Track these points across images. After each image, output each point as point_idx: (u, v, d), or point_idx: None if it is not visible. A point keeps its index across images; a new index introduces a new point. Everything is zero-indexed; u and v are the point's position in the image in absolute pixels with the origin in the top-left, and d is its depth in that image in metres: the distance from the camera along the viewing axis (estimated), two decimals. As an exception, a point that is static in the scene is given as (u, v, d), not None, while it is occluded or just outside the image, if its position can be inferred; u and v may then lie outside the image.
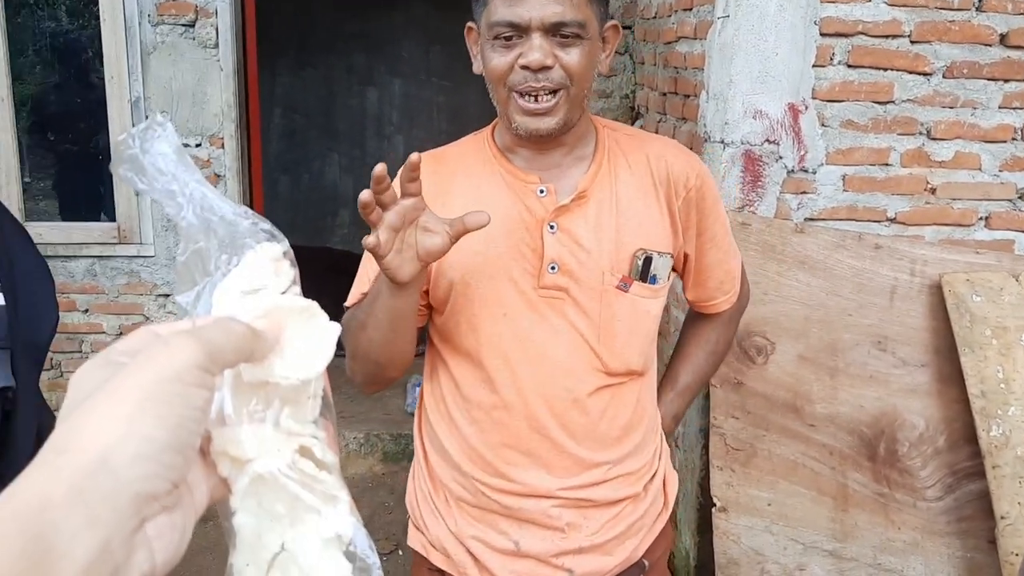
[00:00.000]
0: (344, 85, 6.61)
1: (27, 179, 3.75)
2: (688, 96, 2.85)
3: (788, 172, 2.45)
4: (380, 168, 1.11)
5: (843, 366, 2.41)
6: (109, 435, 0.41)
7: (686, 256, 1.48)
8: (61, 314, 3.56)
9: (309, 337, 0.53)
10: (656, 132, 3.29)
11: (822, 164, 2.46)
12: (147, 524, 0.42)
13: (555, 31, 1.26)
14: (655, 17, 3.35)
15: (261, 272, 0.55)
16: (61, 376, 3.73)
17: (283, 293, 0.55)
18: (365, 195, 1.10)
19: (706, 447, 2.50)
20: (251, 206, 3.89)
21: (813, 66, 2.38)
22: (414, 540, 1.56)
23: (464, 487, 1.44)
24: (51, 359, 3.62)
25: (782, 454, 2.41)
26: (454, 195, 1.40)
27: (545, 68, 1.26)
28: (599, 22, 1.32)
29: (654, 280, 1.39)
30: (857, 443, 2.41)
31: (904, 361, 2.40)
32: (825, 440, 2.41)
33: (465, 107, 6.19)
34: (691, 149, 2.76)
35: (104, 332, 3.71)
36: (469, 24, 1.39)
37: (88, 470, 0.40)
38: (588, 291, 1.36)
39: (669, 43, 3.09)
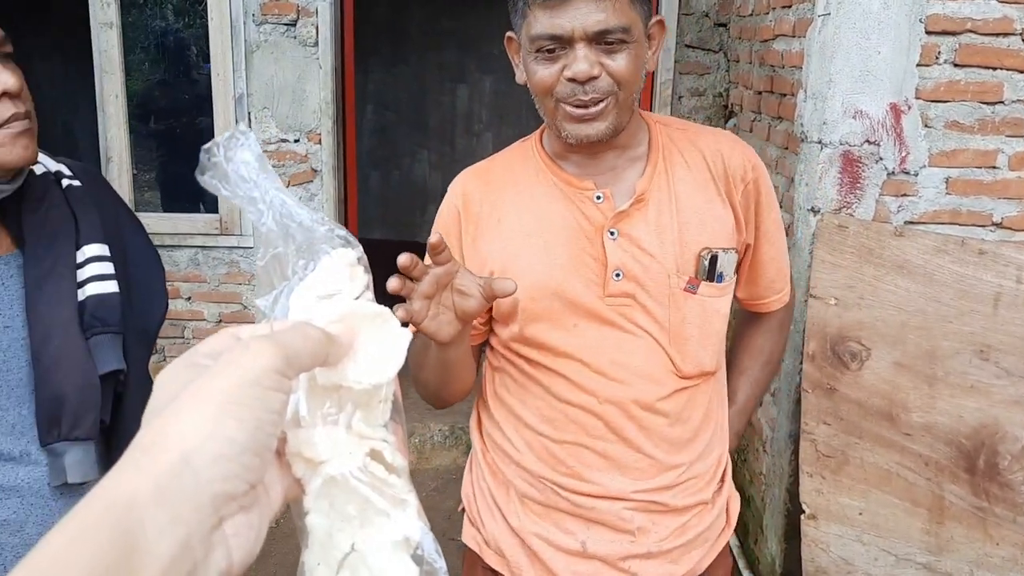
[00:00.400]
0: (435, 82, 6.70)
1: (134, 171, 3.92)
2: (784, 95, 2.80)
3: (888, 174, 2.38)
4: (436, 238, 1.10)
5: (942, 375, 2.33)
6: (192, 437, 0.42)
7: (745, 250, 1.44)
8: (166, 301, 3.73)
9: (381, 343, 0.54)
10: (751, 131, 3.24)
11: (924, 166, 2.39)
12: (225, 523, 0.44)
13: (599, 39, 1.21)
14: (751, 14, 3.29)
15: (336, 277, 0.56)
16: (164, 360, 3.90)
17: (357, 298, 0.56)
18: (394, 282, 1.08)
19: (795, 452, 2.45)
20: (345, 201, 3.99)
21: (917, 65, 2.31)
22: (468, 537, 1.54)
23: (532, 485, 1.42)
24: (156, 344, 3.80)
25: (875, 462, 2.35)
26: (507, 209, 1.37)
27: (592, 78, 1.22)
28: (643, 21, 1.27)
29: (720, 278, 1.36)
30: (955, 454, 2.33)
31: (1008, 372, 2.31)
32: (921, 450, 2.34)
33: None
34: (787, 149, 2.72)
35: (205, 319, 3.86)
36: (509, 34, 1.35)
37: (172, 470, 0.41)
38: (656, 295, 1.33)
39: (766, 41, 3.04)
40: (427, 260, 1.15)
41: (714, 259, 1.34)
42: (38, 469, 1.21)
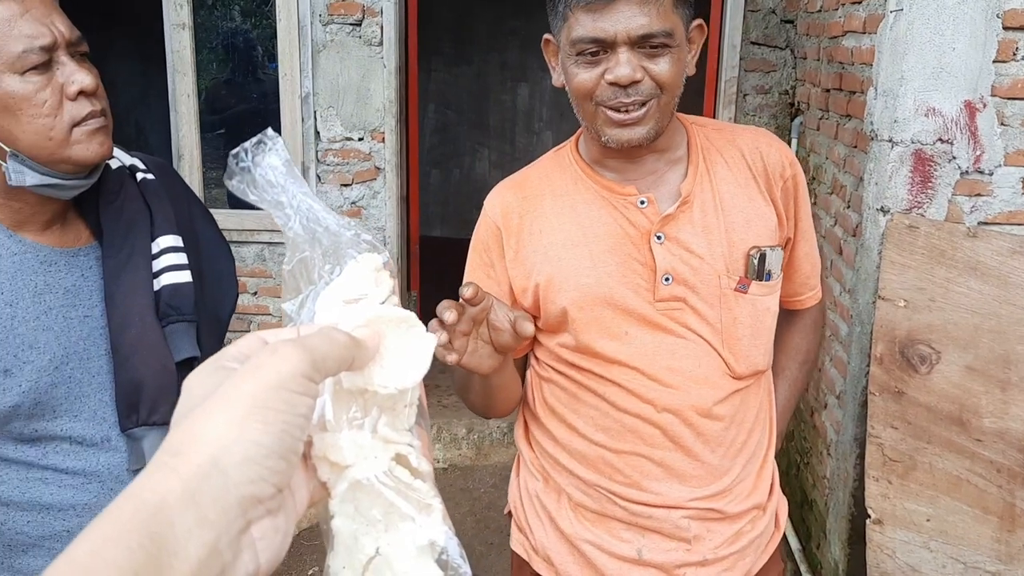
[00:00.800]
0: (497, 81, 6.73)
1: (204, 170, 4.02)
2: (854, 92, 2.75)
3: (961, 173, 2.32)
4: (470, 291, 1.10)
5: (1016, 380, 2.26)
6: (221, 440, 0.43)
7: (786, 246, 1.42)
8: (233, 295, 3.81)
9: (407, 347, 0.55)
10: (818, 129, 3.19)
11: (1000, 165, 2.32)
12: (253, 526, 0.44)
13: (642, 43, 1.20)
14: (820, 11, 3.24)
15: (362, 282, 0.57)
16: (230, 354, 3.98)
17: (382, 303, 0.57)
18: (450, 316, 1.09)
19: (861, 456, 2.41)
20: (407, 199, 4.03)
21: (993, 62, 2.25)
22: (516, 543, 1.53)
23: (586, 493, 1.40)
24: (228, 339, 3.88)
25: (944, 468, 2.30)
26: (548, 220, 1.36)
27: (634, 82, 1.21)
28: (685, 25, 1.25)
29: (769, 276, 1.35)
30: (1029, 462, 2.26)
31: (1086, 377, 2.24)
32: (993, 456, 2.28)
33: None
34: (856, 147, 2.67)
35: (270, 314, 3.94)
36: (546, 36, 1.35)
37: (201, 472, 0.41)
38: (707, 297, 1.32)
39: (835, 37, 2.98)
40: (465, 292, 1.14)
41: (763, 257, 1.33)
42: (118, 455, 1.25)
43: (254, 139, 0.57)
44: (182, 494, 0.40)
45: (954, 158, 2.31)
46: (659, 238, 1.31)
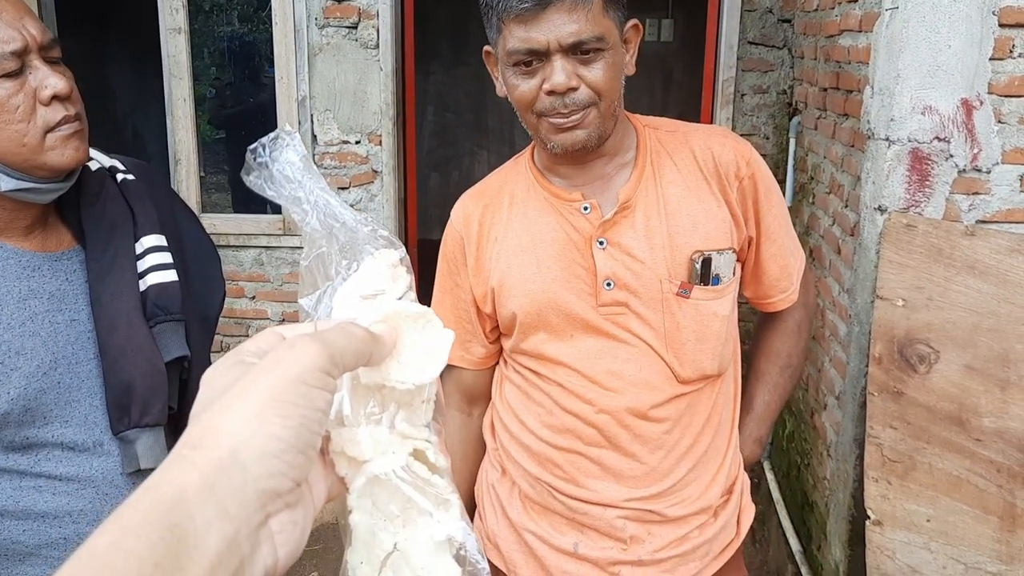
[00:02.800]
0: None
1: (202, 173, 4.01)
2: (851, 92, 2.74)
3: (959, 171, 2.31)
4: None
5: (1016, 379, 2.25)
6: (239, 433, 0.43)
7: (749, 246, 1.41)
8: (231, 300, 3.80)
9: (424, 343, 0.55)
10: (816, 128, 3.18)
11: (997, 163, 2.31)
12: (271, 520, 0.44)
13: (575, 50, 1.21)
14: (816, 10, 3.23)
15: (379, 278, 0.57)
16: (229, 358, 3.97)
17: (399, 299, 0.57)
18: None
19: (860, 457, 2.40)
20: (405, 202, 4.02)
21: (990, 59, 2.24)
22: (475, 528, 1.57)
23: (531, 486, 1.44)
24: (220, 341, 3.87)
25: (944, 468, 2.28)
26: (503, 227, 1.40)
27: (570, 89, 1.22)
28: (618, 27, 1.26)
29: (716, 280, 1.34)
30: (1029, 461, 2.25)
31: (1086, 376, 2.22)
32: (993, 456, 2.27)
33: (614, 104, 6.17)
34: (853, 147, 2.66)
35: (268, 318, 3.93)
36: (487, 48, 1.36)
37: (220, 465, 0.42)
38: (648, 302, 1.33)
39: (831, 36, 2.98)
40: None
41: (707, 262, 1.32)
42: (111, 459, 1.24)
43: (272, 135, 0.57)
44: (201, 487, 0.41)
45: (951, 156, 2.30)
46: (601, 243, 1.32)
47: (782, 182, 3.53)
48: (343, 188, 3.78)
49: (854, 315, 2.50)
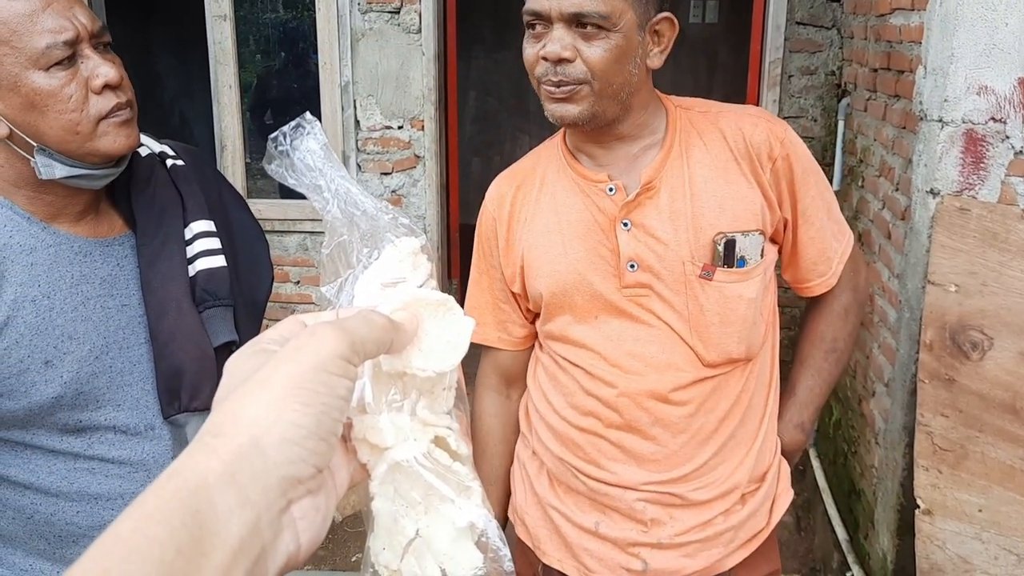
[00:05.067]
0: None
1: (248, 160, 4.06)
2: (902, 72, 2.67)
3: (1015, 153, 2.25)
4: None
5: (1073, 366, 2.19)
6: (260, 421, 0.43)
7: (785, 228, 1.38)
8: (277, 285, 3.85)
9: (445, 330, 0.55)
10: (866, 110, 3.12)
11: (1056, 144, 2.24)
12: (293, 506, 0.45)
13: (576, 22, 1.20)
14: (867, -12, 3.16)
15: (400, 265, 0.57)
16: (274, 342, 4.03)
17: (420, 286, 0.57)
18: None
19: (910, 445, 2.36)
20: (447, 187, 4.03)
21: (1050, 37, 2.17)
22: (510, 505, 1.59)
23: (556, 465, 1.45)
24: (266, 326, 3.92)
25: (997, 457, 2.23)
26: (533, 208, 1.40)
27: (564, 61, 1.22)
28: (637, 14, 1.23)
29: (742, 263, 1.31)
30: (1087, 451, 2.19)
31: None
32: (1049, 446, 2.21)
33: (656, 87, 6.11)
34: (904, 128, 2.60)
35: (313, 303, 3.97)
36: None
37: (241, 452, 0.42)
38: (672, 284, 1.31)
39: (882, 15, 2.90)
40: None
41: (730, 244, 1.30)
42: (162, 443, 1.26)
43: (292, 123, 0.57)
44: (222, 474, 0.41)
45: (1007, 138, 2.23)
46: (625, 225, 1.31)
47: (830, 165, 3.46)
48: (386, 173, 3.79)
49: (904, 301, 2.45)
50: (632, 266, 1.31)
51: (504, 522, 1.60)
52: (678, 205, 1.30)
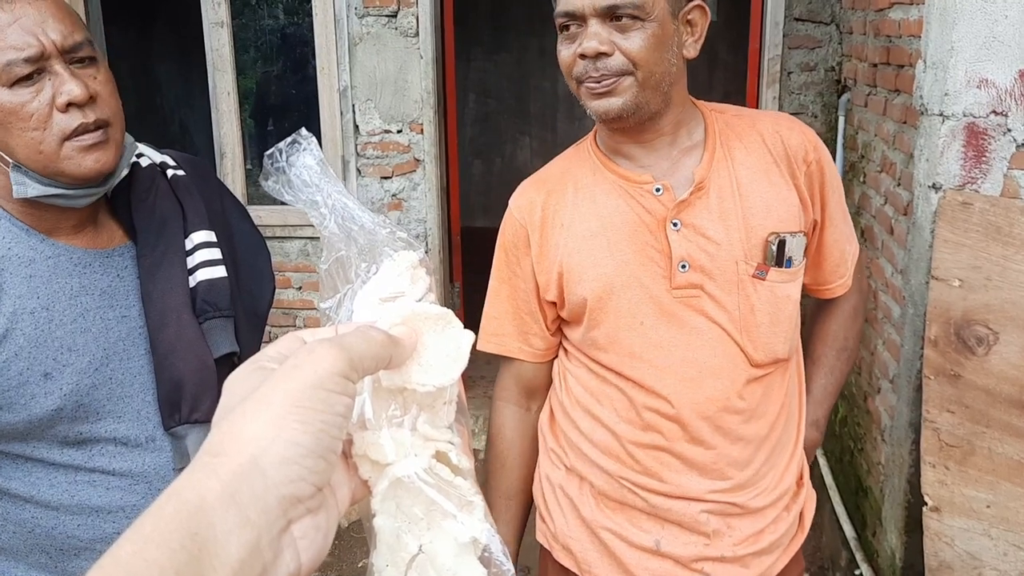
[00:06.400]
0: (537, 68, 6.68)
1: (249, 166, 4.05)
2: (902, 67, 2.66)
3: (1017, 146, 2.23)
4: None
5: (1080, 360, 2.18)
6: (259, 440, 0.43)
7: (813, 231, 1.39)
8: (279, 291, 3.84)
9: (445, 344, 0.54)
10: (866, 105, 3.10)
11: (1059, 136, 2.22)
12: (293, 526, 0.44)
13: (610, 15, 1.20)
14: (865, -17, 3.15)
15: (399, 280, 0.57)
16: (277, 348, 4.02)
17: (419, 300, 0.57)
18: None
19: (916, 442, 2.34)
20: (447, 190, 4.02)
21: (1050, 28, 2.15)
22: (539, 533, 1.54)
23: (607, 482, 1.40)
24: (269, 332, 3.92)
25: (1005, 453, 2.22)
26: (569, 212, 1.38)
27: (602, 55, 1.21)
28: (670, 3, 1.24)
29: (790, 263, 1.33)
30: (1095, 445, 2.18)
31: None
32: (1056, 440, 2.20)
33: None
34: (905, 123, 2.59)
35: (315, 308, 3.96)
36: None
37: (240, 472, 0.42)
38: (724, 284, 1.30)
39: (881, 10, 2.89)
40: None
41: (782, 244, 1.31)
42: (163, 454, 1.25)
43: (288, 139, 0.57)
44: (221, 494, 0.41)
45: (1009, 130, 2.22)
46: (675, 225, 1.30)
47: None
48: (386, 177, 3.79)
49: (908, 296, 2.44)
50: (683, 266, 1.30)
51: (520, 536, 1.57)
52: (727, 205, 1.31)
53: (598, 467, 1.40)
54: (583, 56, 1.23)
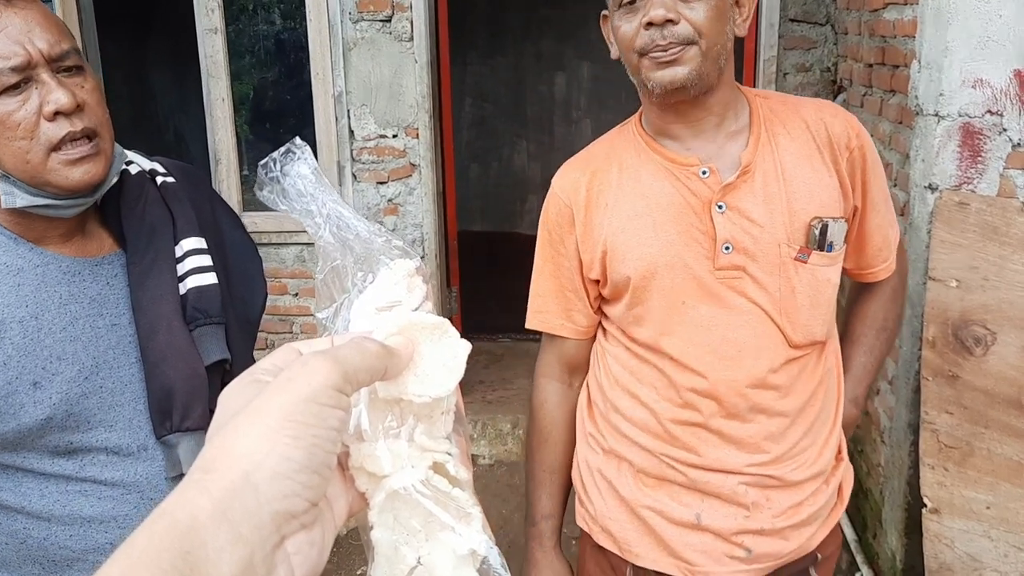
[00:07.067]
0: (533, 71, 6.68)
1: (245, 172, 4.04)
2: (897, 67, 2.66)
3: (1013, 146, 2.23)
4: None
5: (1078, 359, 2.17)
6: (251, 455, 0.43)
7: (853, 217, 1.42)
8: (275, 297, 3.83)
9: (441, 355, 0.54)
10: (862, 106, 3.10)
11: (1055, 136, 2.22)
12: (287, 541, 0.44)
13: None
14: (859, -16, 3.14)
15: (395, 288, 0.56)
16: (274, 355, 4.01)
17: (415, 309, 0.56)
18: None
19: (915, 444, 2.33)
20: (444, 194, 4.01)
21: (1045, 27, 2.15)
22: (579, 517, 1.58)
23: (645, 459, 1.44)
24: (265, 339, 3.91)
25: (1004, 453, 2.21)
26: (613, 192, 1.40)
27: (669, 23, 1.24)
28: None
29: (831, 247, 1.35)
30: (1095, 445, 2.17)
31: None
32: (1056, 440, 2.19)
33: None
34: (901, 123, 2.58)
35: (311, 314, 3.95)
36: (603, 12, 1.38)
37: (232, 488, 0.41)
38: (766, 266, 1.33)
39: (876, 10, 2.89)
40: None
41: (825, 228, 1.34)
42: (155, 463, 1.24)
43: (282, 148, 0.57)
44: (213, 512, 0.40)
45: (1004, 130, 2.21)
46: (720, 207, 1.33)
47: (828, 162, 3.44)
48: (381, 182, 3.78)
49: (905, 297, 2.43)
50: (727, 248, 1.33)
51: (564, 507, 1.61)
52: (771, 189, 1.33)
53: (637, 445, 1.44)
54: (650, 25, 1.25)
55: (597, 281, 1.45)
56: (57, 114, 1.12)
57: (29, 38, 1.10)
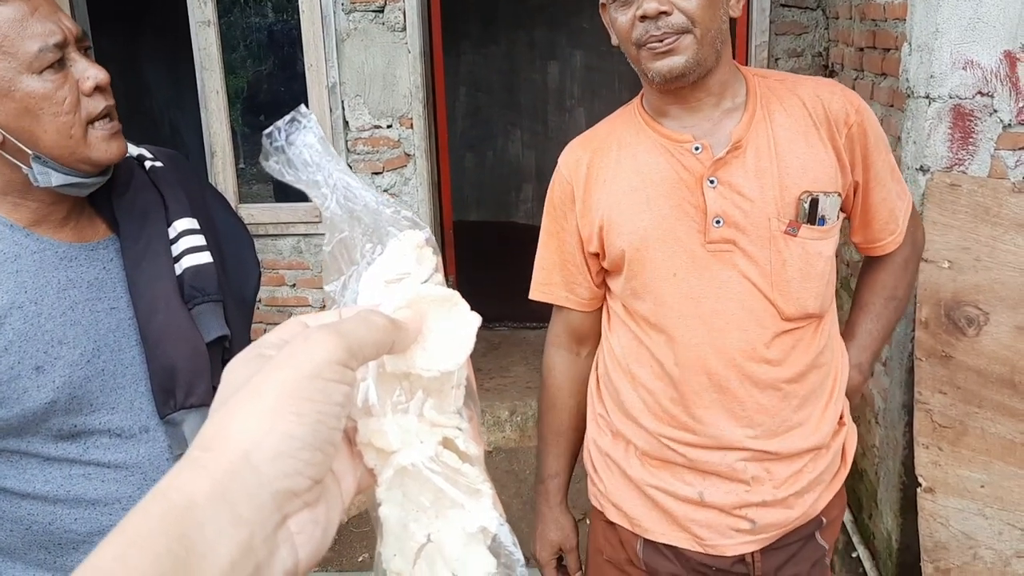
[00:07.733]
0: (526, 60, 6.67)
1: (241, 165, 4.04)
2: (888, 50, 2.67)
3: (1004, 127, 2.24)
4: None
5: (1070, 338, 2.19)
6: (252, 434, 0.41)
7: (855, 192, 1.44)
8: (273, 288, 3.84)
9: (451, 328, 0.52)
10: (853, 89, 3.10)
11: (1045, 116, 2.23)
12: (290, 520, 0.42)
13: None
14: (850, -32, 3.15)
15: (404, 260, 0.54)
16: (272, 347, 4.01)
17: (425, 281, 0.54)
18: None
19: (909, 424, 2.35)
20: (439, 184, 4.02)
21: (1034, 8, 2.16)
22: (591, 495, 1.62)
23: (647, 441, 1.47)
24: (264, 329, 3.92)
25: (997, 432, 2.23)
26: (611, 169, 1.44)
27: (663, 14, 1.26)
28: None
29: (823, 221, 1.37)
30: (1086, 422, 2.19)
31: None
32: (1048, 418, 2.21)
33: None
34: (892, 106, 2.60)
35: (310, 305, 3.96)
36: (602, 1, 1.40)
37: (231, 469, 0.40)
38: (756, 239, 1.36)
39: (866, -6, 2.90)
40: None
41: (815, 202, 1.36)
42: (157, 444, 1.26)
43: (287, 117, 0.55)
44: (211, 493, 0.39)
45: (995, 111, 2.23)
46: (712, 182, 1.36)
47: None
48: (376, 173, 3.78)
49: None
50: (718, 222, 1.35)
51: (571, 468, 1.68)
52: (763, 164, 1.35)
53: (639, 426, 1.47)
54: (644, 18, 1.27)
55: (597, 255, 1.49)
56: (95, 88, 1.16)
57: (59, 18, 1.15)
